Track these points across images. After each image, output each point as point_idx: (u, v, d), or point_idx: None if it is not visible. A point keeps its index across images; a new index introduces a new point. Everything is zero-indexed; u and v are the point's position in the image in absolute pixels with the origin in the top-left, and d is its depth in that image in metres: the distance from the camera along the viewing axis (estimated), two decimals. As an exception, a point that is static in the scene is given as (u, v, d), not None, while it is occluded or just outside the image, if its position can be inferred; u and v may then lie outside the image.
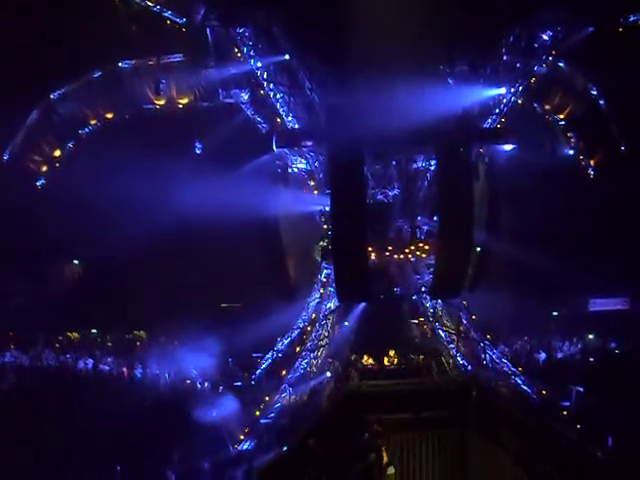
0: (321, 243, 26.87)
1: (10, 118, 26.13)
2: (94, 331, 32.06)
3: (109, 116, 27.72)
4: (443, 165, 24.05)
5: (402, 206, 26.53)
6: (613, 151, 28.52)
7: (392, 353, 25.87)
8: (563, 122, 29.11)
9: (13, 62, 25.68)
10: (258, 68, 24.58)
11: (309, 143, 25.25)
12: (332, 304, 27.41)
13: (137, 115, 27.74)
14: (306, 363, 26.52)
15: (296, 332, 28.19)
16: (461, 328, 27.40)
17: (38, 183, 27.78)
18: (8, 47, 25.30)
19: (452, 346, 27.06)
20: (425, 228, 26.51)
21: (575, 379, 25.34)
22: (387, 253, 25.91)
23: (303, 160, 26.77)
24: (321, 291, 27.84)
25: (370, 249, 24.61)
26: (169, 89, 26.75)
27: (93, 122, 27.78)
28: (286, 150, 25.98)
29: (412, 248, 26.02)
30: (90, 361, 29.04)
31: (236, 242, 28.01)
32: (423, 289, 27.38)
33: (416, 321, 28.60)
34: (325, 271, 27.42)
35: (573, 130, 29.36)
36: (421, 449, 16.23)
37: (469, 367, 26.23)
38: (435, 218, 25.62)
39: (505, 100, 25.65)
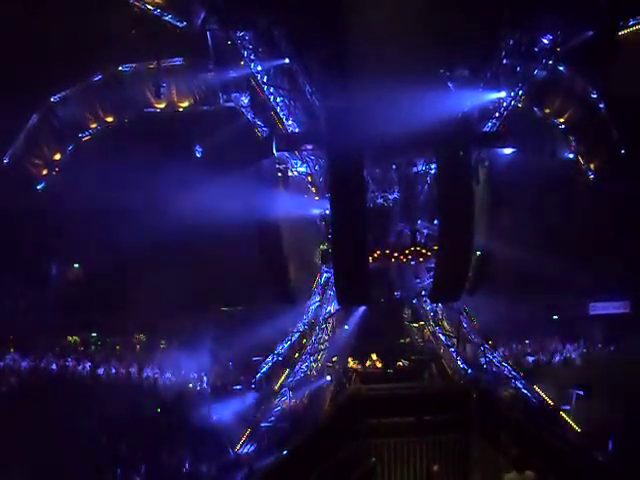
0: (321, 247, 26.83)
1: (10, 121, 26.10)
2: (94, 335, 32.11)
3: (109, 120, 27.67)
4: (443, 169, 24.02)
5: (402, 210, 26.46)
6: (613, 155, 28.52)
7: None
8: (563, 126, 29.07)
9: (13, 65, 25.70)
10: (258, 72, 24.50)
11: (309, 147, 25.19)
12: (332, 307, 27.37)
13: (137, 118, 27.74)
14: (306, 367, 26.49)
15: (296, 335, 28.20)
16: (461, 332, 27.34)
17: (38, 187, 27.76)
18: (8, 50, 25.31)
19: (452, 350, 27.00)
20: (425, 232, 26.44)
21: (575, 382, 25.35)
22: (387, 257, 25.83)
23: (303, 164, 26.73)
24: (321, 294, 27.77)
25: (370, 253, 24.58)
26: (169, 92, 26.67)
27: (93, 126, 27.70)
28: (286, 154, 25.93)
29: (412, 252, 25.93)
30: (90, 364, 29.06)
31: (236, 245, 28.05)
32: (423, 293, 27.36)
33: (416, 325, 28.60)
34: (325, 275, 27.39)
35: (573, 134, 29.33)
36: (422, 453, 16.26)
37: (469, 371, 26.19)
38: (435, 222, 25.58)
39: (505, 104, 25.55)
